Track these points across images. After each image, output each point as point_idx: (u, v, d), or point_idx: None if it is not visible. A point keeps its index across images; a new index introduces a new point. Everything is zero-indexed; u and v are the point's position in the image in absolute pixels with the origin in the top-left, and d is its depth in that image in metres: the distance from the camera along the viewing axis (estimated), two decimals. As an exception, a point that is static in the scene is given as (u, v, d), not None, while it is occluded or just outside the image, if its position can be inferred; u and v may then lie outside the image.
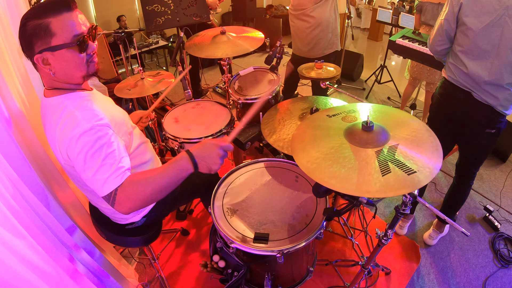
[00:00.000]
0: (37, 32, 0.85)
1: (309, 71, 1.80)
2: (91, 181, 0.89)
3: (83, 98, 0.97)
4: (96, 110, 0.94)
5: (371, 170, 0.88)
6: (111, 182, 0.88)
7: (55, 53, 0.89)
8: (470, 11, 1.35)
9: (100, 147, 0.88)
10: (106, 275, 1.32)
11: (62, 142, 0.90)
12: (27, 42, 0.87)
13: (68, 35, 0.88)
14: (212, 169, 0.96)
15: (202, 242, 2.01)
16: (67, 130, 0.88)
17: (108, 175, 0.87)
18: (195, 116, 1.88)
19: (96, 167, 0.87)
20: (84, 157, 0.87)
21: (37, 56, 0.88)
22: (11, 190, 0.88)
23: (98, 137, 0.89)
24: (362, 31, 7.10)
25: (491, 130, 1.48)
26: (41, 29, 0.85)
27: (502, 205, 2.26)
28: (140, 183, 0.90)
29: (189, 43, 2.00)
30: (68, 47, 0.89)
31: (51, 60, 0.90)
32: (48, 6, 0.86)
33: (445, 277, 1.80)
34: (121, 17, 4.68)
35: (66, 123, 0.89)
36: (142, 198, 0.89)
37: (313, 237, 1.09)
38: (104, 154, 0.89)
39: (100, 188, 0.88)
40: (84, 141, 0.87)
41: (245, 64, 4.91)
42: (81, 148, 0.87)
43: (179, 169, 0.94)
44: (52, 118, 0.94)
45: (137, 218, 1.28)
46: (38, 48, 0.87)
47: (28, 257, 0.80)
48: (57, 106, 0.94)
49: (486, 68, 1.37)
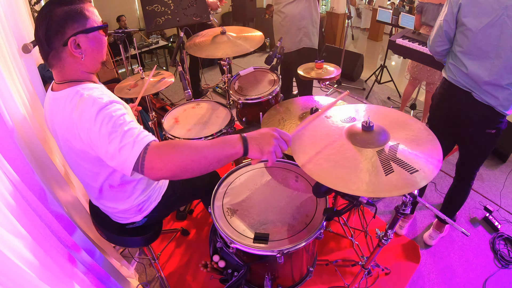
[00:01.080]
0: (73, 15, 0.91)
1: (309, 71, 1.80)
2: (119, 150, 0.82)
3: (94, 87, 0.99)
4: (108, 94, 0.97)
5: (374, 170, 0.88)
6: (139, 142, 0.82)
7: (89, 35, 0.96)
8: (469, 12, 1.35)
9: (120, 116, 0.87)
10: (106, 275, 1.32)
11: (81, 125, 0.89)
12: (58, 26, 0.90)
13: (97, 19, 0.98)
14: (263, 151, 0.88)
15: (202, 242, 2.01)
16: (85, 112, 0.88)
17: (135, 137, 0.83)
18: (195, 116, 1.88)
19: (121, 134, 0.83)
20: (107, 129, 0.84)
21: (72, 39, 0.92)
22: (11, 190, 0.88)
23: (117, 109, 0.89)
24: (362, 31, 7.11)
25: (491, 130, 1.48)
26: (76, 13, 0.92)
27: (502, 205, 2.26)
28: (177, 144, 0.83)
29: (189, 43, 2.00)
30: (100, 29, 0.98)
31: (83, 43, 0.95)
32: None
33: (445, 277, 1.80)
34: (120, 17, 4.69)
35: (82, 106, 0.90)
36: (176, 161, 0.80)
37: (313, 237, 1.09)
38: (126, 122, 0.86)
39: (129, 153, 0.81)
40: (104, 114, 0.86)
41: (245, 64, 4.91)
42: (102, 122, 0.85)
43: (226, 142, 0.86)
44: (65, 107, 0.94)
45: (138, 218, 1.28)
46: (73, 30, 0.92)
47: (28, 257, 0.80)
48: (70, 95, 0.95)
49: (486, 68, 1.37)
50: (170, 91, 4.01)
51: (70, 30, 0.92)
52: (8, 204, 0.82)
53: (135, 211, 1.25)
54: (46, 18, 0.90)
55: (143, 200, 1.24)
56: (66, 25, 0.91)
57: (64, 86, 0.98)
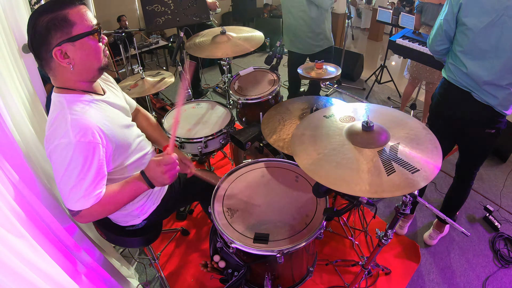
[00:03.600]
0: (55, 23, 0.85)
1: (309, 71, 1.79)
2: (64, 193, 0.91)
3: (85, 103, 0.96)
4: (89, 123, 0.92)
5: (376, 170, 0.88)
6: (83, 202, 0.92)
7: (76, 43, 0.89)
8: (469, 11, 1.35)
9: (82, 165, 0.89)
10: (106, 275, 1.32)
11: (48, 142, 0.91)
12: (42, 37, 0.85)
13: (88, 24, 0.90)
14: (165, 184, 1.01)
15: (202, 242, 2.01)
16: (54, 134, 0.89)
17: (82, 195, 0.91)
18: (195, 116, 1.88)
19: (72, 183, 0.89)
20: (65, 169, 0.88)
21: (57, 49, 0.86)
22: (11, 190, 0.88)
23: (83, 156, 0.89)
24: (362, 31, 7.10)
25: (491, 130, 1.48)
26: (59, 20, 0.85)
27: (502, 205, 2.26)
28: (106, 205, 0.96)
29: (189, 43, 2.00)
30: (89, 34, 0.90)
31: (70, 52, 0.89)
32: (60, 0, 0.87)
33: (445, 277, 1.80)
34: (121, 17, 4.68)
35: (56, 126, 0.90)
36: (102, 215, 1.00)
37: (313, 237, 1.09)
38: (83, 173, 0.90)
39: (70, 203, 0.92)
40: (67, 153, 0.87)
41: (245, 64, 4.91)
42: (63, 159, 0.88)
43: (137, 188, 1.00)
44: (51, 114, 0.95)
45: (137, 221, 1.27)
46: (56, 40, 0.86)
47: (28, 257, 0.80)
48: (56, 104, 0.94)
49: (485, 68, 1.37)
50: (170, 91, 4.01)
51: (54, 40, 0.86)
52: (8, 204, 0.82)
53: (135, 215, 1.25)
54: (30, 29, 0.86)
55: (142, 203, 1.24)
56: (49, 35, 0.85)
57: (60, 91, 0.97)
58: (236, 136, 1.64)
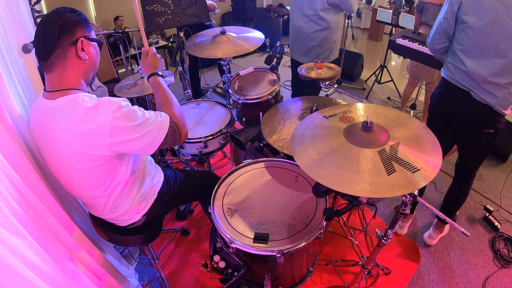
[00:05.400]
0: (83, 21, 1.00)
1: (309, 71, 1.79)
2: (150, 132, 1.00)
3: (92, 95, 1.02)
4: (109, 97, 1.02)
5: (377, 170, 0.88)
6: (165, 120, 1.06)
7: (92, 43, 1.04)
8: (469, 10, 1.35)
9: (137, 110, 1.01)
10: (106, 275, 1.32)
11: (100, 127, 0.92)
12: (70, 25, 0.96)
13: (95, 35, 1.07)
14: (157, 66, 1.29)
15: (202, 242, 2.01)
16: (103, 113, 0.93)
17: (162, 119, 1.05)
18: (195, 116, 1.89)
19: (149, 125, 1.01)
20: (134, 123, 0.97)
21: (81, 39, 0.99)
22: (11, 190, 0.88)
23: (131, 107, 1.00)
24: (362, 31, 7.09)
25: (490, 130, 1.48)
26: (86, 21, 1.02)
27: (502, 205, 2.26)
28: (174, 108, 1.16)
29: (189, 43, 2.00)
30: (99, 42, 1.08)
31: (87, 48, 1.02)
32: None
33: (445, 277, 1.80)
34: (118, 17, 4.67)
35: (97, 110, 0.93)
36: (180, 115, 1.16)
37: (313, 237, 1.09)
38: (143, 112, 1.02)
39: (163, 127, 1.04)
40: (124, 112, 0.96)
41: (245, 64, 4.91)
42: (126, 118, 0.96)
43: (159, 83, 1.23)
44: (69, 114, 0.94)
45: (137, 217, 1.27)
46: (81, 33, 0.99)
47: (28, 257, 0.80)
48: (73, 102, 0.94)
49: (485, 66, 1.37)
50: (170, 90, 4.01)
51: (80, 32, 0.99)
52: (8, 204, 0.82)
53: (135, 211, 1.25)
54: (60, 16, 0.95)
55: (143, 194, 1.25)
56: (77, 26, 0.98)
57: (60, 94, 0.97)
58: (236, 136, 1.65)
